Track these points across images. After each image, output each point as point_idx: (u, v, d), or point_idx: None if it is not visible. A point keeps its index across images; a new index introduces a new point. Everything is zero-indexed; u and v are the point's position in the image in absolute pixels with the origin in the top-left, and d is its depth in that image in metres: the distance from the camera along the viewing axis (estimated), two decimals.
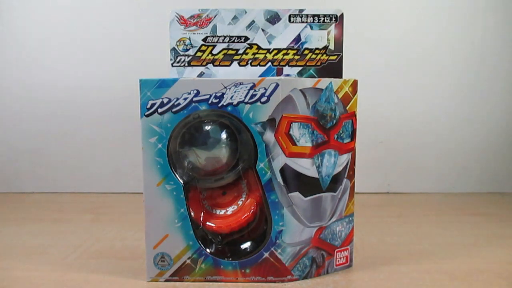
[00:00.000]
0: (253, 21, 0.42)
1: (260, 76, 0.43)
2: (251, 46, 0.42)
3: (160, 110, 0.38)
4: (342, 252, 0.43)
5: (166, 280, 0.41)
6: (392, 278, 0.41)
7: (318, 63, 0.43)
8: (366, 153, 0.75)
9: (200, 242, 0.40)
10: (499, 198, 0.74)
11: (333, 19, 0.42)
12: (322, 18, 0.42)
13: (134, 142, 0.58)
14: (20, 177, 0.79)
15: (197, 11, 0.42)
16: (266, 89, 0.38)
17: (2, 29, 0.75)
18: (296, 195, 0.40)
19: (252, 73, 0.43)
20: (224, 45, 0.42)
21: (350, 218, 0.43)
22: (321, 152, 0.40)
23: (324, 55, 0.43)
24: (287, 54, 0.42)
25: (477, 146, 0.77)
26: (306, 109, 0.39)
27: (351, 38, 0.61)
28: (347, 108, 0.41)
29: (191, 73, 0.43)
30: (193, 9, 0.42)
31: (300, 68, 0.43)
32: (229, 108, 0.38)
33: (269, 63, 0.43)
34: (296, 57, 0.43)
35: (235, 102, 0.38)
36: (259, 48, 0.42)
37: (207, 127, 0.40)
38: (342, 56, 0.43)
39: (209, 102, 0.38)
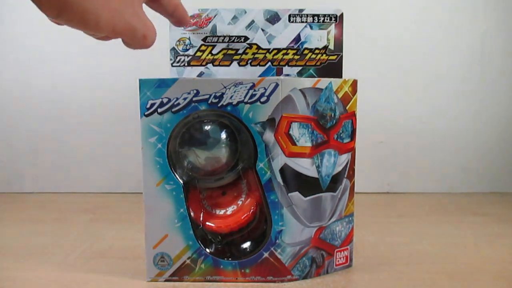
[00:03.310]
0: (253, 21, 0.42)
1: (260, 76, 0.43)
2: (251, 46, 0.42)
3: (160, 110, 0.38)
4: (342, 252, 0.43)
5: (166, 280, 0.41)
6: (392, 278, 0.41)
7: (318, 63, 0.43)
8: (366, 153, 0.75)
9: (199, 242, 0.40)
10: (499, 198, 0.74)
11: (333, 19, 0.42)
12: (322, 18, 0.42)
13: (134, 142, 0.58)
14: (20, 177, 0.79)
15: (197, 11, 0.42)
16: (265, 89, 0.38)
17: (2, 30, 0.75)
18: (296, 195, 0.40)
19: (252, 73, 0.43)
20: (224, 45, 0.42)
21: (350, 218, 0.43)
22: (321, 152, 0.40)
23: (324, 55, 0.43)
24: (286, 54, 0.42)
25: (478, 146, 0.77)
26: (305, 109, 0.39)
27: (351, 38, 0.61)
28: (346, 108, 0.41)
29: (191, 73, 0.43)
30: (193, 9, 0.42)
31: (300, 68, 0.43)
32: (228, 108, 0.38)
33: (269, 63, 0.43)
34: (296, 57, 0.43)
35: (234, 102, 0.38)
36: (259, 48, 0.42)
37: (207, 127, 0.40)
38: (342, 56, 0.43)
39: (209, 102, 0.38)
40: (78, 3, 0.26)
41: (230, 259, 0.40)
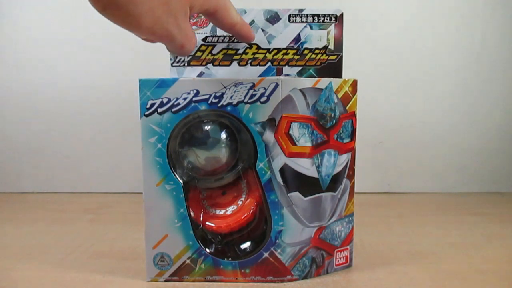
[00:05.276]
0: (253, 21, 0.42)
1: (259, 76, 0.43)
2: (250, 46, 0.42)
3: (159, 110, 0.38)
4: (342, 252, 0.43)
5: (166, 280, 0.41)
6: (392, 278, 0.41)
7: (318, 63, 0.43)
8: (366, 153, 0.75)
9: (199, 242, 0.40)
10: (499, 198, 0.74)
11: (333, 19, 0.42)
12: (322, 18, 0.42)
13: (134, 142, 0.58)
14: (20, 177, 0.79)
15: None
16: (265, 89, 0.38)
17: (2, 29, 0.75)
18: (296, 195, 0.40)
19: (251, 73, 0.43)
20: (224, 45, 0.42)
21: (350, 218, 0.43)
22: (321, 152, 0.40)
23: (324, 55, 0.43)
24: (286, 54, 0.42)
25: (477, 146, 0.77)
26: (305, 109, 0.39)
27: (351, 38, 0.61)
28: (346, 108, 0.41)
29: (191, 73, 0.43)
30: None
31: (299, 68, 0.43)
32: (228, 108, 0.38)
33: (269, 63, 0.43)
34: (296, 57, 0.43)
35: (234, 102, 0.38)
36: (258, 48, 0.42)
37: (207, 127, 0.40)
38: (342, 56, 0.43)
39: (209, 102, 0.38)
40: (124, 5, 0.28)
41: (230, 259, 0.40)
